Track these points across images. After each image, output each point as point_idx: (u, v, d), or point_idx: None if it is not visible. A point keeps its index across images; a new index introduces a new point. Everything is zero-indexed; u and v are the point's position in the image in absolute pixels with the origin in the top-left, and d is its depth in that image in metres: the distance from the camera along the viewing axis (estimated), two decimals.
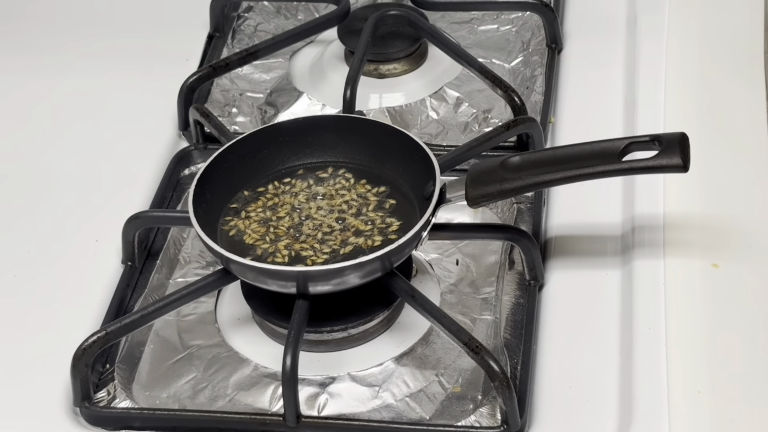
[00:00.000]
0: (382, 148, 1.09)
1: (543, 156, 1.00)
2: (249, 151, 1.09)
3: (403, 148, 1.07)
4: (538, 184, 0.99)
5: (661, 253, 1.04)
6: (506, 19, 1.37)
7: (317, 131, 1.11)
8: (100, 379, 1.01)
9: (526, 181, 0.99)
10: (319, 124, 1.12)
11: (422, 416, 0.97)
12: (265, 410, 0.98)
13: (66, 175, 1.20)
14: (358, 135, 1.10)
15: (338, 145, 1.11)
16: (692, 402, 0.93)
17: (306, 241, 1.03)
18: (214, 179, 1.06)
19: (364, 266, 0.97)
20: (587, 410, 0.95)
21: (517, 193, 1.03)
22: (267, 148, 1.10)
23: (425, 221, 0.99)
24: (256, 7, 1.43)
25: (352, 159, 1.10)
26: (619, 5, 1.35)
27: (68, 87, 1.31)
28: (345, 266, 0.96)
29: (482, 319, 1.05)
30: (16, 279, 1.10)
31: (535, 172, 0.98)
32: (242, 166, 1.09)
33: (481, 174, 1.01)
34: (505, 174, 0.99)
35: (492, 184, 1.00)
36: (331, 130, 1.11)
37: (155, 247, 1.13)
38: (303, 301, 0.98)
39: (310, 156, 1.11)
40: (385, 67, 1.30)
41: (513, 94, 1.19)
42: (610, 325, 1.01)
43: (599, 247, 1.08)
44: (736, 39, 1.26)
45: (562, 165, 0.98)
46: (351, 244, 1.02)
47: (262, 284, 0.99)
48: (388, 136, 1.09)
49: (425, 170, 1.03)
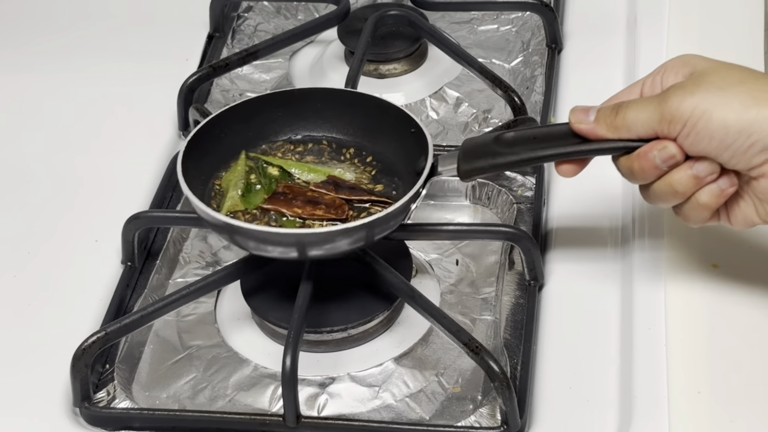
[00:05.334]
0: (374, 122, 1.08)
1: (537, 132, 0.97)
2: (242, 119, 1.08)
3: (396, 123, 1.05)
4: (531, 159, 0.96)
5: (662, 253, 1.04)
6: (506, 19, 1.38)
7: (310, 103, 1.09)
8: (100, 379, 1.01)
9: (520, 156, 0.96)
10: (311, 96, 1.10)
11: (422, 416, 0.97)
12: (265, 410, 0.98)
13: (66, 175, 1.20)
14: (351, 108, 1.09)
15: (331, 119, 1.09)
16: (692, 402, 0.93)
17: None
18: (205, 144, 1.05)
19: (350, 232, 0.95)
20: (587, 410, 0.95)
21: (510, 168, 1.01)
22: (259, 116, 1.09)
23: (414, 192, 0.98)
24: (256, 7, 1.43)
25: (345, 133, 1.09)
26: (619, 5, 1.35)
27: (68, 87, 1.31)
28: (334, 231, 0.95)
29: (482, 320, 1.05)
30: (16, 279, 1.10)
31: (530, 147, 0.96)
32: (234, 132, 1.07)
33: (474, 148, 0.98)
34: (498, 148, 0.97)
35: (485, 158, 0.97)
36: (324, 103, 1.09)
37: (155, 247, 1.13)
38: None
39: (303, 129, 1.10)
40: (385, 67, 1.30)
41: (513, 94, 1.19)
42: (610, 325, 1.01)
43: (599, 248, 1.08)
44: (736, 39, 1.26)
45: (557, 141, 0.95)
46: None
47: (262, 251, 0.98)
48: (381, 109, 1.07)
49: (418, 145, 1.02)
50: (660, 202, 0.93)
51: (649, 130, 0.90)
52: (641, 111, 0.90)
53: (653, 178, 0.91)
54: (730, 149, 0.88)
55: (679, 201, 0.92)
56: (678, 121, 0.88)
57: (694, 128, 0.88)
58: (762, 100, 0.87)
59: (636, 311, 1.00)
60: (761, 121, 0.86)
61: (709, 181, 0.90)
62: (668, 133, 0.89)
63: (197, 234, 1.15)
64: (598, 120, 0.93)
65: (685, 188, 0.91)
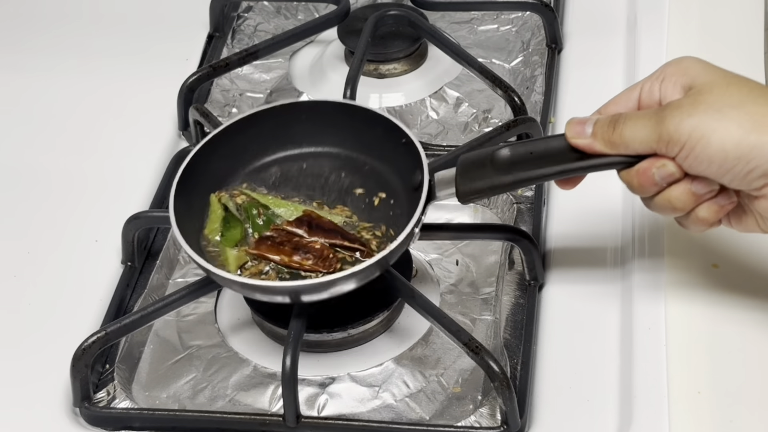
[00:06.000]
0: (365, 135, 1.05)
1: (534, 148, 0.96)
2: (225, 144, 1.05)
3: (387, 134, 1.03)
4: (530, 179, 0.96)
5: (662, 253, 1.04)
6: (506, 19, 1.37)
7: (294, 118, 1.06)
8: (100, 379, 1.01)
9: (518, 176, 0.95)
10: (295, 110, 1.07)
11: (422, 416, 0.97)
12: (265, 410, 0.98)
13: (66, 175, 1.20)
14: (340, 121, 1.06)
15: (322, 133, 1.06)
16: (692, 402, 0.93)
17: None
18: (194, 178, 1.02)
19: (358, 275, 0.95)
20: (587, 410, 0.95)
21: (509, 190, 1.01)
22: (245, 137, 1.05)
23: (416, 220, 0.97)
24: (256, 7, 1.43)
25: (337, 147, 1.06)
26: (619, 5, 1.35)
27: (68, 87, 1.31)
28: (336, 278, 0.94)
29: (482, 320, 1.05)
30: (16, 279, 1.10)
31: (527, 167, 0.95)
32: (221, 160, 1.05)
33: (470, 169, 0.97)
34: (495, 169, 0.95)
35: (482, 180, 0.96)
36: (311, 117, 1.06)
37: (155, 247, 1.13)
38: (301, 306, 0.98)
39: (291, 144, 1.06)
40: (385, 67, 1.30)
41: (513, 94, 1.19)
42: (610, 325, 1.01)
43: (599, 247, 1.08)
44: (736, 39, 1.26)
45: (555, 158, 0.94)
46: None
47: (252, 297, 0.98)
48: (371, 121, 1.04)
49: (411, 157, 1.00)
50: (660, 213, 0.93)
51: (648, 148, 0.90)
52: (639, 128, 0.90)
53: (653, 193, 0.91)
54: (729, 173, 0.87)
55: (679, 215, 0.92)
56: (676, 143, 0.88)
57: (693, 151, 0.87)
58: (761, 124, 0.86)
59: (636, 311, 1.00)
60: (760, 146, 0.85)
61: (708, 198, 0.90)
62: (666, 153, 0.89)
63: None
64: (596, 134, 0.92)
65: (684, 204, 0.91)
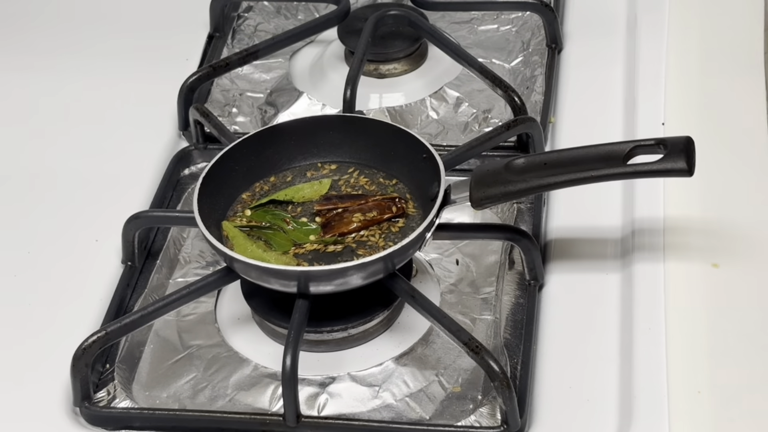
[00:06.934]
0: (387, 148, 1.09)
1: (547, 158, 1.00)
2: (253, 151, 1.09)
3: (409, 149, 1.07)
4: (542, 186, 0.99)
5: (661, 253, 1.04)
6: (506, 19, 1.37)
7: (322, 131, 1.11)
8: (100, 379, 1.01)
9: (531, 183, 0.99)
10: (324, 123, 1.12)
11: (422, 416, 0.97)
12: (265, 410, 0.98)
13: (66, 175, 1.20)
14: (364, 135, 1.10)
15: (343, 145, 1.10)
16: (692, 402, 0.93)
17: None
18: (218, 179, 1.06)
19: (367, 267, 0.97)
20: (587, 410, 0.95)
21: (522, 196, 1.03)
22: (271, 147, 1.10)
23: (429, 222, 0.99)
24: (256, 7, 1.43)
25: (358, 159, 1.10)
26: (619, 5, 1.35)
27: (68, 87, 1.31)
28: (347, 266, 0.96)
29: (482, 319, 1.05)
30: (16, 279, 1.10)
31: (540, 175, 0.99)
32: (247, 165, 1.08)
33: (485, 176, 1.01)
34: (509, 176, 0.99)
35: (496, 186, 1.00)
36: (337, 130, 1.11)
37: (155, 247, 1.13)
38: (303, 301, 0.98)
39: (316, 156, 1.11)
40: (385, 67, 1.30)
41: (513, 94, 1.19)
42: (610, 325, 1.01)
43: (599, 247, 1.08)
44: (736, 39, 1.26)
45: (567, 168, 0.98)
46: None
47: (264, 283, 0.99)
48: (394, 136, 1.08)
49: (430, 171, 1.03)
50: None
51: None
52: None
53: None
54: None
55: None
56: None
57: None
58: None
59: (636, 311, 1.00)
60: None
61: None
62: None
63: (197, 234, 1.15)
64: None
65: None
